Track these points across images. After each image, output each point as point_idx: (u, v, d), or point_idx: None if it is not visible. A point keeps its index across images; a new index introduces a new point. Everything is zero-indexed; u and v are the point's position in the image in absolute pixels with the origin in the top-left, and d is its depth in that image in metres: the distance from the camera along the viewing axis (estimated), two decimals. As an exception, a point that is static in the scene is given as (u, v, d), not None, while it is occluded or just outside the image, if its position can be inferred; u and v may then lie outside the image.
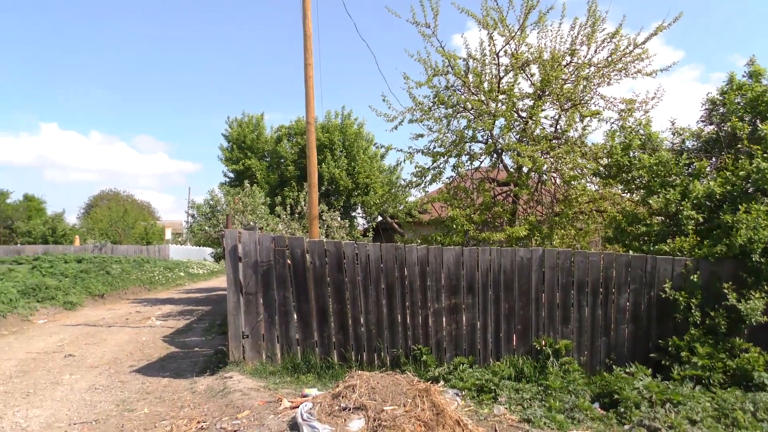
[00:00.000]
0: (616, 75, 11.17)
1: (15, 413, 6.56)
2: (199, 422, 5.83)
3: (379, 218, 22.16)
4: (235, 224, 16.61)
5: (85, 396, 7.34)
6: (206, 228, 20.69)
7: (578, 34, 11.12)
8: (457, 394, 6.35)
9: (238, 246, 7.80)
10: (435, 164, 12.02)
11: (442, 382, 6.76)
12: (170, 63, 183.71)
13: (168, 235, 54.93)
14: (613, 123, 11.22)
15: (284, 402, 5.89)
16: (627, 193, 10.37)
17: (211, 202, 21.24)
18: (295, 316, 7.84)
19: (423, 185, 12.46)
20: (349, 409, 5.05)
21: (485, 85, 11.38)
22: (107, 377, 8.40)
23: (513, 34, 11.19)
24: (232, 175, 26.75)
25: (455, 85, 11.70)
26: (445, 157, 11.85)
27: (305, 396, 6.13)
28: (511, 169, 11.66)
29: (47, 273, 20.51)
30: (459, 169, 11.84)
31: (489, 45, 11.33)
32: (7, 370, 8.90)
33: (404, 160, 12.28)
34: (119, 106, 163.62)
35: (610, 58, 11.02)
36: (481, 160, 12.04)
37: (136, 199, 67.59)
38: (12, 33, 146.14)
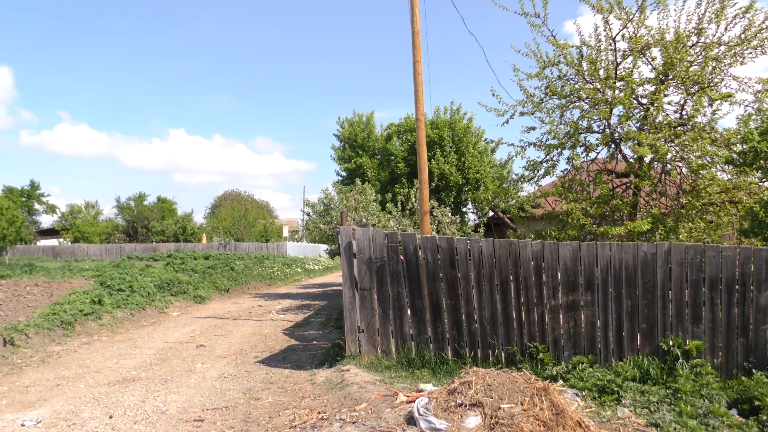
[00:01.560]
0: (751, 53, 10.18)
1: (155, 398, 7.19)
2: (319, 413, 6.06)
3: (491, 213, 21.85)
4: (348, 221, 17.08)
5: (215, 384, 7.89)
6: (321, 225, 21.44)
7: (705, 12, 10.28)
8: (576, 395, 6.13)
9: (353, 243, 8.01)
10: (548, 157, 11.67)
11: (560, 382, 6.56)
12: (283, 66, 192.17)
13: (285, 233, 57.55)
14: (747, 106, 10.27)
15: (400, 396, 5.97)
16: (766, 182, 9.48)
17: (324, 201, 21.99)
18: (409, 311, 7.92)
19: (535, 179, 12.13)
20: (465, 406, 5.04)
21: (601, 72, 10.85)
22: (234, 367, 8.97)
23: (631, 17, 10.59)
24: (344, 173, 27.46)
25: (568, 74, 11.27)
26: (559, 150, 11.47)
27: (420, 391, 6.19)
28: (631, 160, 11.04)
29: (179, 269, 22.23)
30: (574, 162, 11.39)
31: (604, 30, 10.79)
32: (148, 358, 9.76)
33: (515, 155, 12.00)
34: (238, 110, 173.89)
35: (743, 35, 10.08)
36: (597, 151, 11.53)
37: (256, 198, 71.62)
38: (145, 44, 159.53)
